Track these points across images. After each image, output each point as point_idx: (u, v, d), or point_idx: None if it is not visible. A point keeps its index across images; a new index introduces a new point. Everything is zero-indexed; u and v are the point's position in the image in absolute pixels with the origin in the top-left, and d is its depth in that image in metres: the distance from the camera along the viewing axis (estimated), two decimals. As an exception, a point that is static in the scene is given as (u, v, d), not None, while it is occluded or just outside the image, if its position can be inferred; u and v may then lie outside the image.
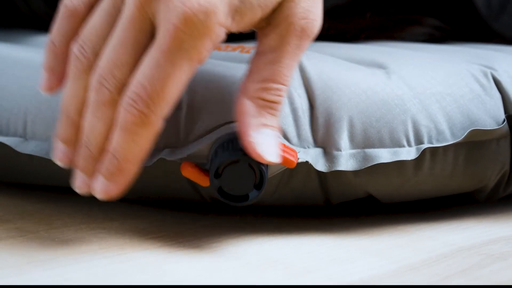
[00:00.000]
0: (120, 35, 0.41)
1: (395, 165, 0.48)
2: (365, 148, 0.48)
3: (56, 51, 0.44)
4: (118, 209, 0.53)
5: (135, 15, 0.41)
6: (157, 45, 0.40)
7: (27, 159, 0.51)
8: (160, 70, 0.40)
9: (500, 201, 0.55)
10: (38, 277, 0.41)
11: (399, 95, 0.49)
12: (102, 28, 0.42)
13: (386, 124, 0.48)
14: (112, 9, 0.42)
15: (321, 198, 0.50)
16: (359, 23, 0.66)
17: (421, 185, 0.50)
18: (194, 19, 0.40)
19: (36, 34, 0.62)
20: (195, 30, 0.40)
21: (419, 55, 0.56)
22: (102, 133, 0.42)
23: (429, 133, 0.49)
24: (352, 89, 0.49)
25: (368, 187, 0.49)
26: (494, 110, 0.51)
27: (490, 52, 0.59)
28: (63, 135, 0.44)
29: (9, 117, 0.51)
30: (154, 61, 0.40)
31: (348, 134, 0.48)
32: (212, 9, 0.40)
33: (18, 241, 0.46)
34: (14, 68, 0.54)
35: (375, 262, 0.44)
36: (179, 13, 0.40)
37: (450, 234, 0.49)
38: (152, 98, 0.40)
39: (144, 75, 0.40)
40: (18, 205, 0.53)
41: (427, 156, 0.49)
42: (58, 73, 0.44)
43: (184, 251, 0.45)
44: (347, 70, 0.50)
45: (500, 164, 0.51)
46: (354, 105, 0.48)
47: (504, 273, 0.43)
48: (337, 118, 0.48)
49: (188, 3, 0.40)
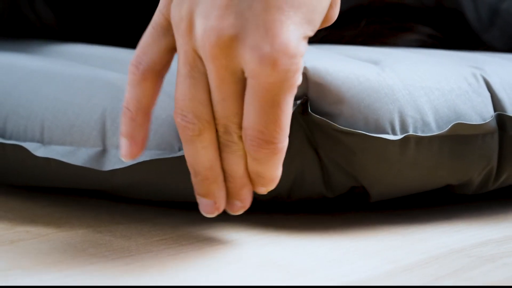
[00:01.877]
0: (221, 93, 0.41)
1: (380, 147, 0.48)
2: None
3: (133, 117, 0.43)
4: (124, 213, 0.53)
5: (223, 75, 0.40)
6: (256, 96, 0.40)
7: (44, 163, 0.51)
8: (268, 114, 0.40)
9: (490, 205, 0.55)
10: (46, 278, 0.41)
11: (389, 85, 0.49)
12: (193, 93, 0.41)
13: (373, 111, 0.48)
14: (194, 72, 0.41)
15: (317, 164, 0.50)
16: (355, 30, 0.66)
17: (406, 173, 0.50)
18: (282, 68, 0.39)
19: (47, 44, 0.62)
20: (286, 75, 0.39)
21: (412, 56, 0.56)
22: (240, 163, 0.43)
23: (414, 124, 0.49)
24: (346, 74, 0.48)
25: (355, 166, 0.49)
26: (480, 107, 0.51)
27: (480, 56, 0.59)
28: (204, 191, 0.44)
29: (26, 124, 0.52)
30: (260, 109, 0.40)
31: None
32: (292, 49, 0.39)
33: (28, 244, 0.46)
34: (30, 77, 0.54)
35: (371, 263, 0.44)
36: (265, 67, 0.39)
37: (442, 236, 0.49)
38: (271, 136, 0.41)
39: (256, 122, 0.40)
40: (29, 209, 0.53)
41: (411, 144, 0.49)
42: (138, 140, 0.44)
43: (187, 253, 0.45)
44: (342, 61, 0.50)
45: (485, 159, 0.51)
46: (346, 89, 0.48)
47: (494, 274, 0.43)
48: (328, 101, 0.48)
49: (269, 55, 0.39)
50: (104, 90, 0.51)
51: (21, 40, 0.64)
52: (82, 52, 0.59)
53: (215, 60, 0.40)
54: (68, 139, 0.50)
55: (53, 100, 0.51)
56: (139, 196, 0.52)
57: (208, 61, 0.40)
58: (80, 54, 0.59)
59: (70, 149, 0.50)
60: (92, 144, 0.49)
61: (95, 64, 0.56)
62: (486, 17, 0.69)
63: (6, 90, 0.54)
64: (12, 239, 0.47)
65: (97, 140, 0.49)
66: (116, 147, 0.49)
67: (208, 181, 0.44)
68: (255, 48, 0.39)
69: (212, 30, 0.39)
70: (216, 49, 0.39)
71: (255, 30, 0.39)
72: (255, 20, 0.39)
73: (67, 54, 0.59)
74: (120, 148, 0.44)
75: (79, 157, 0.49)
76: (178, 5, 0.41)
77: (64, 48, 0.61)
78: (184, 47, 0.41)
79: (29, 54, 0.60)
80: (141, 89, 0.43)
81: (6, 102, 0.53)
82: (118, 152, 0.48)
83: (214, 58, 0.40)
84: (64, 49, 0.60)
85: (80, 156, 0.49)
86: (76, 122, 0.50)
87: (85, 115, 0.50)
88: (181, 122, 0.42)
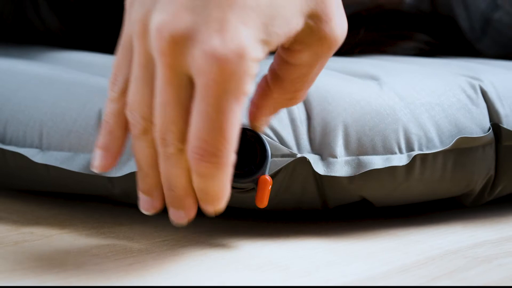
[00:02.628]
0: (163, 97, 0.39)
1: (388, 170, 0.48)
2: (359, 155, 0.48)
3: (111, 129, 0.42)
4: (126, 215, 0.53)
5: (169, 75, 0.39)
6: (201, 99, 0.38)
7: (43, 169, 0.51)
8: (213, 121, 0.38)
9: (485, 207, 0.55)
10: (51, 278, 0.41)
11: (390, 105, 0.49)
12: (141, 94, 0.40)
13: (379, 133, 0.48)
14: (144, 73, 0.40)
15: (319, 202, 0.50)
16: (353, 39, 0.66)
17: (412, 189, 0.50)
18: (230, 66, 0.37)
19: (50, 50, 0.62)
20: (233, 76, 0.38)
21: (409, 67, 0.56)
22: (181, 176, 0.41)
23: (419, 140, 0.49)
24: (347, 100, 0.49)
25: (362, 191, 0.49)
26: (480, 119, 0.51)
27: (476, 64, 0.59)
28: (144, 188, 0.43)
29: (25, 129, 0.52)
30: (204, 114, 0.38)
31: (343, 142, 0.48)
32: (243, 49, 0.38)
33: (33, 245, 0.46)
34: (29, 83, 0.54)
35: (368, 264, 0.44)
36: (213, 64, 0.37)
37: (437, 238, 0.49)
38: (215, 147, 0.38)
39: (200, 129, 0.38)
40: (33, 211, 0.53)
41: (417, 162, 0.49)
42: (113, 152, 0.43)
43: (188, 254, 0.45)
44: (342, 82, 0.50)
45: (486, 169, 0.51)
46: (349, 115, 0.48)
47: (489, 275, 0.43)
48: (332, 127, 0.48)
49: (218, 51, 0.37)
50: (100, 95, 0.51)
51: (22, 46, 0.64)
52: (81, 59, 0.59)
53: (163, 57, 0.38)
54: (66, 145, 0.50)
55: (52, 106, 0.51)
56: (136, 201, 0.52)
57: (157, 59, 0.39)
58: (80, 61, 0.59)
59: (69, 155, 0.50)
60: (90, 149, 0.49)
61: (93, 71, 0.55)
62: (479, 26, 0.69)
63: (6, 95, 0.54)
64: (17, 240, 0.47)
65: (94, 146, 0.49)
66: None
67: (148, 179, 0.43)
68: (204, 42, 0.37)
69: (166, 24, 0.38)
70: (167, 44, 0.38)
71: (207, 26, 0.38)
72: (208, 17, 0.38)
73: (67, 61, 0.59)
74: (93, 160, 0.43)
75: (77, 163, 0.49)
76: (136, 11, 0.40)
77: (64, 55, 0.61)
78: (138, 49, 0.40)
79: (29, 59, 0.60)
80: (120, 104, 0.42)
81: (5, 107, 0.53)
82: None
83: (163, 55, 0.38)
84: (64, 56, 0.60)
85: (78, 162, 0.49)
86: (74, 128, 0.50)
87: (82, 121, 0.50)
88: (130, 119, 0.41)
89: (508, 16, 0.67)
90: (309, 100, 0.49)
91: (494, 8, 0.67)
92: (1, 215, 0.52)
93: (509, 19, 0.67)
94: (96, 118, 0.50)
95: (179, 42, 0.38)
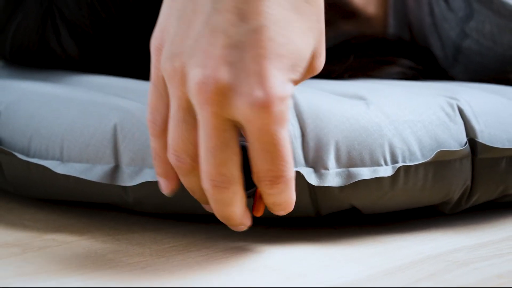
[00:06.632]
0: (209, 142, 0.39)
1: (374, 181, 0.48)
2: (349, 167, 0.48)
3: (162, 160, 0.43)
4: (139, 223, 0.53)
5: (215, 122, 0.39)
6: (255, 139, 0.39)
7: (63, 179, 0.51)
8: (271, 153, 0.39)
9: (463, 215, 0.55)
10: (70, 281, 0.41)
11: (377, 122, 0.50)
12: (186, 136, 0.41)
13: (367, 147, 0.49)
14: (187, 117, 0.40)
15: (312, 210, 0.50)
16: (344, 65, 0.66)
17: (396, 198, 0.50)
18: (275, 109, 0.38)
19: (69, 74, 0.63)
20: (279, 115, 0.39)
21: (393, 89, 0.56)
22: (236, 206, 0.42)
23: (403, 154, 0.49)
24: (338, 118, 0.49)
25: (351, 200, 0.49)
26: (457, 134, 0.52)
27: (454, 86, 0.59)
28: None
29: (47, 143, 0.52)
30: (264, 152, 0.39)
31: (335, 155, 0.48)
32: (282, 93, 0.39)
33: (54, 250, 0.46)
34: (52, 102, 0.54)
35: (356, 267, 0.44)
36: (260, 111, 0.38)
37: (420, 244, 0.49)
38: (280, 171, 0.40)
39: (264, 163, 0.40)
40: (55, 219, 0.53)
41: (401, 173, 0.49)
42: (173, 176, 0.43)
43: (195, 259, 0.45)
44: (333, 102, 0.51)
45: (463, 180, 0.51)
46: (339, 131, 0.49)
47: (467, 277, 0.43)
48: (325, 142, 0.48)
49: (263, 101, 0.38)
50: (114, 112, 0.51)
51: (45, 70, 0.65)
52: (97, 81, 0.60)
53: (209, 106, 0.38)
54: (85, 157, 0.50)
55: (71, 122, 0.52)
56: (149, 209, 0.52)
57: (203, 109, 0.39)
58: (95, 83, 0.59)
59: (87, 166, 0.50)
60: (106, 161, 0.50)
61: (108, 91, 0.56)
62: (451, 54, 0.69)
63: (30, 113, 0.54)
64: (40, 246, 0.47)
65: (110, 158, 0.50)
66: (126, 164, 0.49)
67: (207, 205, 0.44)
68: (247, 94, 0.38)
69: (209, 78, 0.38)
70: (212, 95, 0.38)
71: (246, 78, 0.38)
72: (246, 70, 0.38)
73: (85, 83, 0.59)
74: (160, 186, 0.44)
75: (95, 173, 0.49)
76: (170, 59, 0.40)
77: (82, 78, 0.61)
78: (178, 94, 0.40)
79: (51, 82, 0.60)
80: (163, 140, 0.42)
81: (30, 123, 0.53)
82: (128, 168, 0.49)
83: (209, 105, 0.38)
84: (81, 78, 0.61)
85: (95, 172, 0.49)
86: (91, 141, 0.50)
87: (99, 135, 0.50)
88: (176, 162, 0.41)
89: (477, 44, 0.67)
90: (303, 118, 0.49)
91: (464, 36, 0.67)
92: (27, 224, 0.52)
93: (477, 46, 0.67)
94: (111, 132, 0.50)
95: (223, 93, 0.38)
